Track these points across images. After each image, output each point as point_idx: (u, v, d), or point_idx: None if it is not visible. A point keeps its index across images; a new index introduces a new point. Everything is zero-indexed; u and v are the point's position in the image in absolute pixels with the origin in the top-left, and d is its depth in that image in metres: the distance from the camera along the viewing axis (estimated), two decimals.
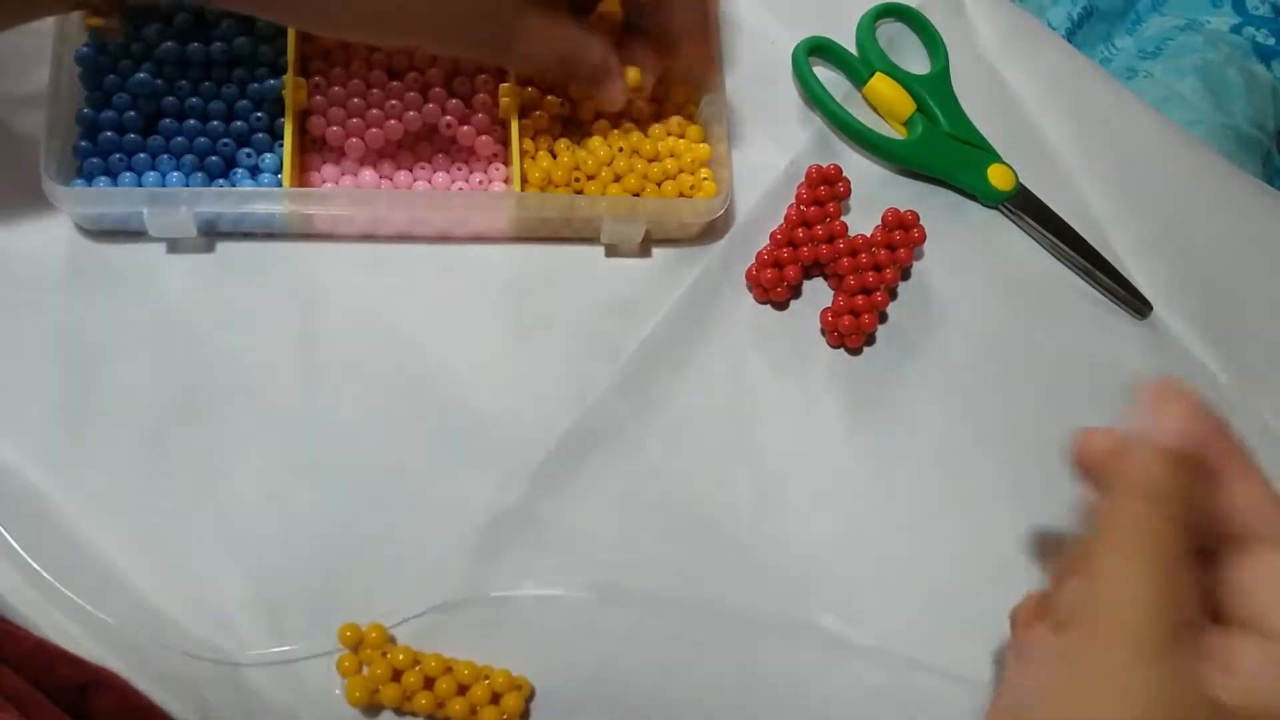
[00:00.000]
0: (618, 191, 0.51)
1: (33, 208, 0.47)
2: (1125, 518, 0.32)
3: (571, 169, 0.51)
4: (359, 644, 0.43)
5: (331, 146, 0.50)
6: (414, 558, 0.46)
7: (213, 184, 0.48)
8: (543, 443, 0.48)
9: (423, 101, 0.51)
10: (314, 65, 0.51)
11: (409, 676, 0.43)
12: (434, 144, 0.52)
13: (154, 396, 0.47)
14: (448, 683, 0.43)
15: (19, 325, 0.47)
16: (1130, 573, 0.31)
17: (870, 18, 0.58)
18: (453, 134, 0.51)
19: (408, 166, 0.51)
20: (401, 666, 0.43)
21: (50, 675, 0.40)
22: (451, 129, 0.51)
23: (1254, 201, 0.61)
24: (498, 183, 0.51)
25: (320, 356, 0.48)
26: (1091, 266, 0.56)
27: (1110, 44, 0.86)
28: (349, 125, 0.50)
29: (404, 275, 0.50)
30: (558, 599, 0.46)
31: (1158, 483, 0.33)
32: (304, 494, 0.46)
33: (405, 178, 0.51)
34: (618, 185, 0.52)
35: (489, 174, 0.51)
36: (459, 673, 0.43)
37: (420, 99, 0.51)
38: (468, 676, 0.43)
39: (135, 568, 0.44)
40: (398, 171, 0.51)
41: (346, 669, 0.43)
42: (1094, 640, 0.31)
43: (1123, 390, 0.54)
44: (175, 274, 0.49)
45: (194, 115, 0.49)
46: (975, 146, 0.57)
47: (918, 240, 0.53)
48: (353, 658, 0.43)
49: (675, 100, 0.54)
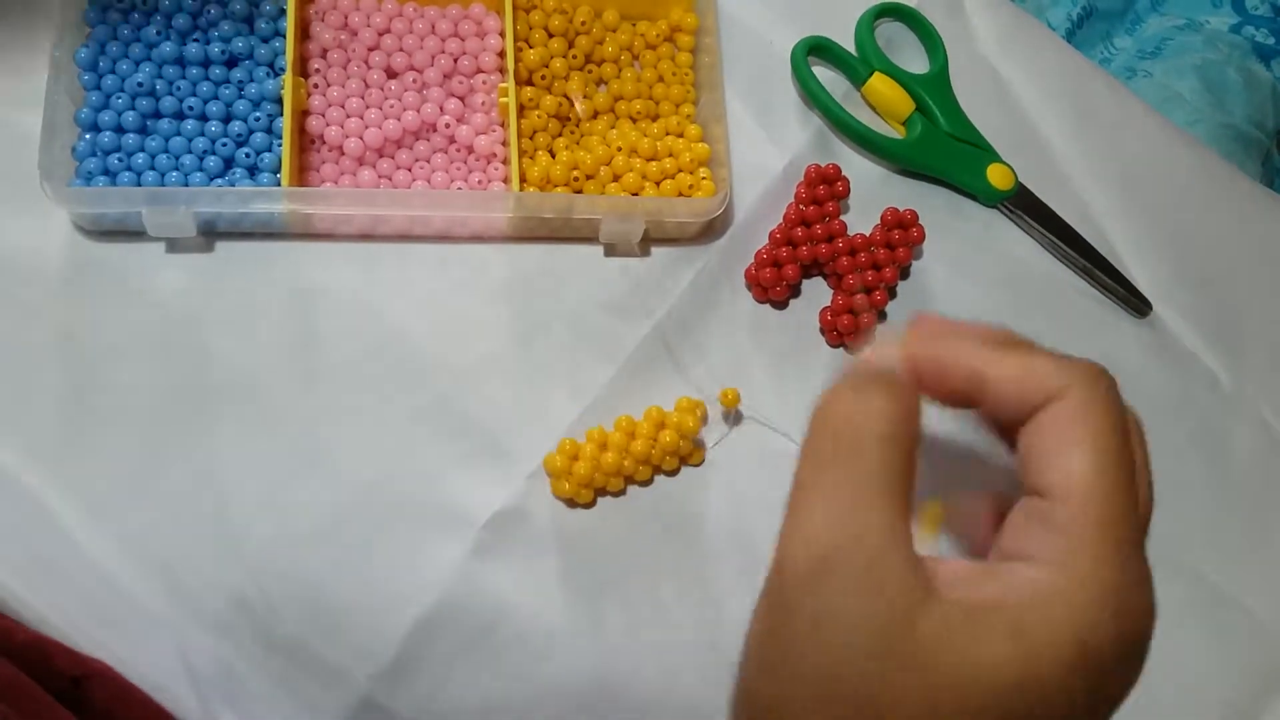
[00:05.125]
0: (617, 191, 0.51)
1: (32, 208, 0.47)
2: (827, 411, 0.28)
3: (570, 168, 0.51)
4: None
5: (331, 146, 0.50)
6: (413, 557, 0.46)
7: (212, 183, 0.48)
8: (542, 441, 0.48)
9: (422, 101, 0.51)
10: (313, 65, 0.51)
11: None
12: (433, 144, 0.52)
13: (153, 396, 0.47)
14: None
15: (18, 325, 0.47)
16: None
17: (869, 17, 0.58)
18: (452, 133, 0.51)
19: (407, 166, 0.51)
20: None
21: (46, 667, 0.40)
22: (450, 128, 0.51)
23: (1253, 201, 0.61)
24: (497, 182, 0.51)
25: (319, 356, 0.48)
26: (1091, 266, 0.56)
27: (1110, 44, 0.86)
28: (348, 125, 0.50)
29: (403, 275, 0.50)
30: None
31: (863, 373, 0.29)
32: (302, 493, 0.46)
33: (404, 177, 0.51)
34: (616, 185, 0.52)
35: (488, 173, 0.51)
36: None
37: (419, 98, 0.51)
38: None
39: (134, 568, 0.44)
40: (397, 171, 0.51)
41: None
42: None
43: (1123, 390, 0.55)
44: (174, 274, 0.49)
45: (193, 115, 0.49)
46: (974, 146, 0.57)
47: (917, 240, 0.53)
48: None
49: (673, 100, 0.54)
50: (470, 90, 0.52)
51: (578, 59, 0.54)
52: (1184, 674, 0.50)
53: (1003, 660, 0.25)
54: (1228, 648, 0.51)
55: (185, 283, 0.49)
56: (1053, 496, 0.26)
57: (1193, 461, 0.54)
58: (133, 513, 0.45)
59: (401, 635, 0.45)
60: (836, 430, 0.28)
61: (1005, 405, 0.28)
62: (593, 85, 0.54)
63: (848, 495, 0.27)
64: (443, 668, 0.45)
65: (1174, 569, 0.52)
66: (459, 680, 0.45)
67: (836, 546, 0.26)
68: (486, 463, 0.48)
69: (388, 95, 0.51)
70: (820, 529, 0.27)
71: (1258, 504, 0.54)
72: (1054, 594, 0.25)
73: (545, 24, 0.54)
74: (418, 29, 0.52)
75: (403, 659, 0.44)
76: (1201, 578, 0.52)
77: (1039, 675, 0.25)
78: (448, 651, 0.45)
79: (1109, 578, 0.26)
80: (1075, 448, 0.27)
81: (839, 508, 0.27)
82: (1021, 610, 0.25)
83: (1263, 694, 0.51)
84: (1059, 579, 0.26)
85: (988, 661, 0.25)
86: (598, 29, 0.55)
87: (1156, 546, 0.53)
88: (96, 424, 0.46)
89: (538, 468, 0.48)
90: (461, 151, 0.51)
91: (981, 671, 0.25)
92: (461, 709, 0.44)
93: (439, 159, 0.51)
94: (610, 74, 0.55)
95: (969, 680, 0.25)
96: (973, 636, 0.25)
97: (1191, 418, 0.55)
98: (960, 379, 0.29)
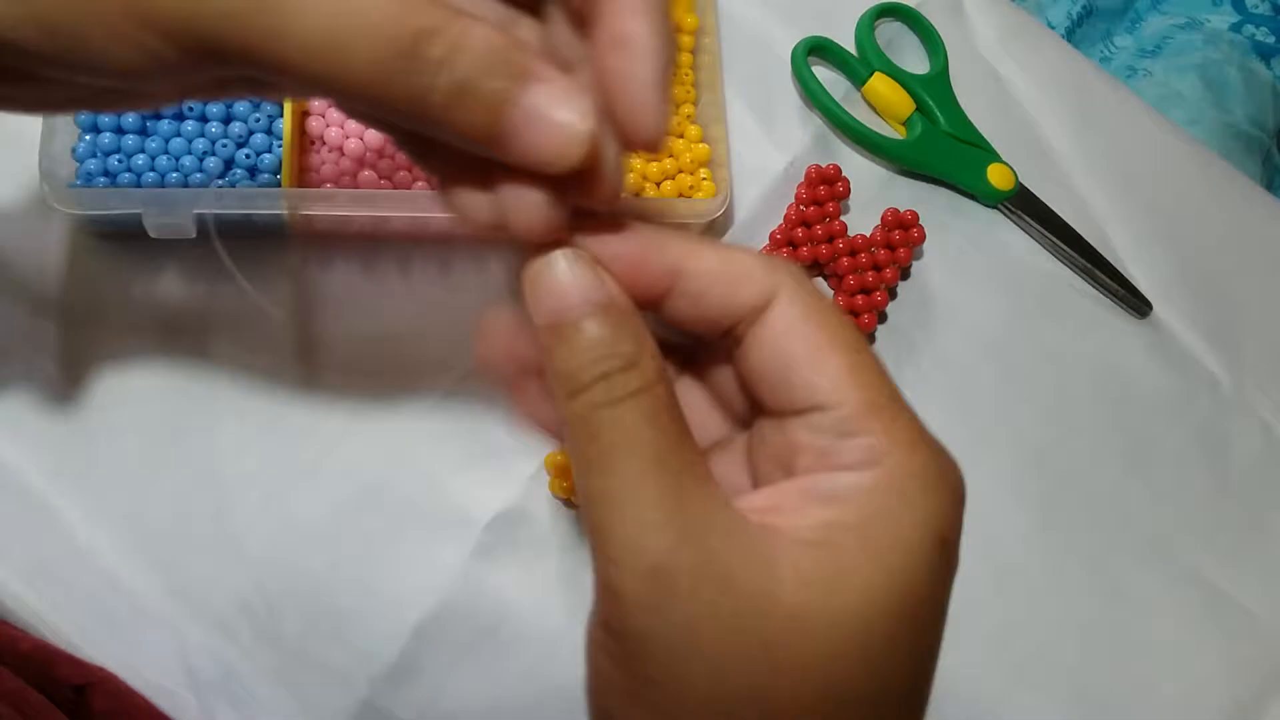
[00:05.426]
0: None
1: (32, 208, 0.47)
2: (586, 426, 0.24)
3: None
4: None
5: (331, 146, 0.50)
6: (414, 558, 0.46)
7: (212, 184, 0.48)
8: (543, 442, 0.48)
9: None
10: None
11: None
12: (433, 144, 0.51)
13: (154, 397, 0.47)
14: None
15: (18, 325, 0.47)
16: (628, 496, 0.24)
17: (869, 17, 0.58)
18: None
19: (407, 166, 0.51)
20: None
21: (49, 676, 0.40)
22: None
23: (1253, 201, 0.61)
24: None
25: (319, 356, 0.48)
26: (1091, 266, 0.56)
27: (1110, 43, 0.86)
28: (348, 125, 0.50)
29: (403, 275, 0.50)
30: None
31: (593, 363, 0.24)
32: (303, 494, 0.46)
33: (405, 177, 0.51)
34: None
35: None
36: None
37: None
38: None
39: (134, 568, 0.44)
40: (398, 172, 0.51)
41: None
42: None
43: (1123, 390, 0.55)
44: (174, 274, 0.49)
45: (193, 115, 0.49)
46: (974, 146, 0.57)
47: (917, 240, 0.53)
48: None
49: None
50: None
51: None
52: (1184, 674, 0.50)
53: (867, 588, 0.23)
54: (1228, 648, 0.51)
55: (185, 283, 0.49)
56: (824, 404, 0.25)
57: (1193, 461, 0.54)
58: (133, 514, 0.45)
59: (403, 637, 0.45)
60: (592, 428, 0.24)
61: (705, 302, 0.26)
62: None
63: (648, 493, 0.23)
64: (444, 669, 0.45)
65: (1174, 569, 0.52)
66: (461, 682, 0.45)
67: (664, 553, 0.23)
68: (488, 464, 0.48)
69: None
70: (639, 542, 0.23)
71: (1258, 504, 0.54)
72: (890, 497, 0.24)
73: None
74: None
75: (404, 660, 0.44)
76: (1201, 578, 0.52)
77: (903, 593, 0.24)
78: (449, 653, 0.45)
79: (926, 459, 0.25)
80: (828, 353, 0.25)
81: (645, 511, 0.23)
82: (871, 525, 0.24)
83: (1263, 694, 0.51)
84: (885, 479, 0.24)
85: (848, 598, 0.23)
86: None
87: (1157, 546, 0.53)
88: (97, 424, 0.46)
89: (539, 469, 0.48)
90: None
91: (842, 611, 0.23)
92: (463, 710, 0.44)
93: None
94: None
95: (834, 623, 0.23)
96: (835, 575, 0.23)
97: (1191, 418, 0.55)
98: (656, 274, 0.26)
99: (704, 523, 0.23)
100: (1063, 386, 0.54)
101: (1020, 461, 0.52)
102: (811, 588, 0.23)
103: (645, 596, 0.23)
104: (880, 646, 0.24)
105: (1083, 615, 0.50)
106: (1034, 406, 0.53)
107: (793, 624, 0.23)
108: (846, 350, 0.25)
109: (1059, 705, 0.49)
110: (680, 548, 0.23)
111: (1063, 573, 0.50)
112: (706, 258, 0.26)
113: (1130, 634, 0.51)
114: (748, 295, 0.25)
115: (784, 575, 0.23)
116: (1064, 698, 0.49)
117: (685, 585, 0.23)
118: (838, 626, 0.23)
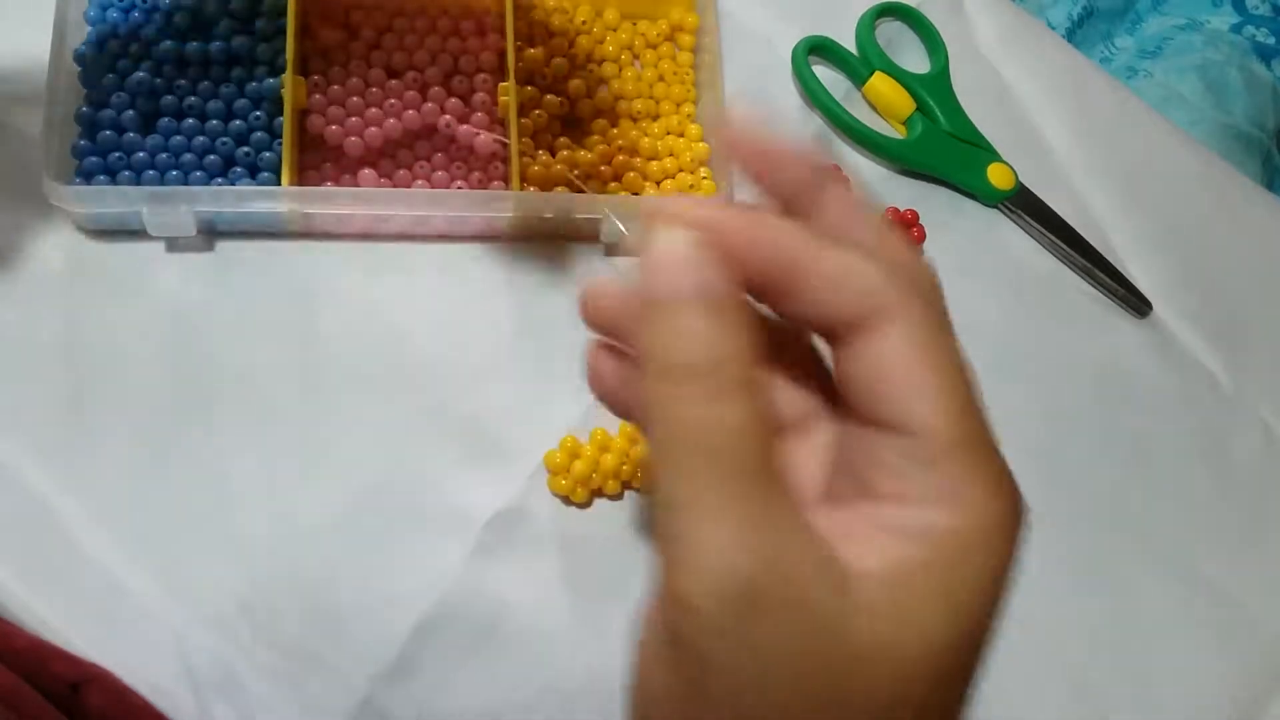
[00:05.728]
0: (617, 191, 0.51)
1: (32, 207, 0.47)
2: (672, 423, 0.23)
3: (571, 168, 0.51)
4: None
5: (331, 145, 0.50)
6: (414, 557, 0.46)
7: (212, 183, 0.48)
8: (543, 442, 0.48)
9: (422, 100, 0.51)
10: (313, 64, 0.51)
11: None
12: (433, 143, 0.52)
13: (154, 396, 0.46)
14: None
15: (18, 324, 0.47)
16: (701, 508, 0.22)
17: (870, 17, 0.58)
18: (452, 133, 0.51)
19: (407, 166, 0.51)
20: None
21: (44, 673, 0.40)
22: (451, 128, 0.51)
23: (1253, 201, 0.61)
24: (497, 182, 0.51)
25: (319, 355, 0.48)
26: (1091, 266, 0.56)
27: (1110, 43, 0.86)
28: (348, 124, 0.50)
29: (403, 274, 0.50)
30: None
31: (692, 357, 0.23)
32: (303, 493, 0.46)
33: (405, 177, 0.51)
34: (617, 184, 0.51)
35: (488, 173, 0.51)
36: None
37: (419, 98, 0.51)
38: None
39: (134, 568, 0.44)
40: (397, 171, 0.51)
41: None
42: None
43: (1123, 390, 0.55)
44: (174, 273, 0.49)
45: (193, 114, 0.49)
46: (975, 145, 0.57)
47: (917, 239, 0.53)
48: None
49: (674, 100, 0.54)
50: (470, 90, 0.51)
51: (578, 58, 0.54)
52: (1184, 674, 0.50)
53: (937, 626, 0.23)
54: (1228, 648, 0.51)
55: (185, 282, 0.48)
56: (915, 430, 0.24)
57: (1193, 461, 0.54)
58: (133, 513, 0.45)
59: (402, 636, 0.45)
60: (680, 424, 0.23)
61: (818, 307, 0.25)
62: (594, 84, 0.54)
63: (736, 508, 0.22)
64: (444, 668, 0.45)
65: (1174, 569, 0.52)
66: (460, 681, 0.45)
67: (752, 578, 0.22)
68: (487, 463, 0.48)
69: (388, 95, 0.50)
70: (726, 561, 0.22)
71: (1257, 504, 0.54)
72: (972, 540, 0.23)
73: (546, 23, 0.54)
74: (418, 28, 0.52)
75: (404, 659, 0.44)
76: (1201, 578, 0.52)
77: (970, 630, 0.23)
78: (449, 652, 0.45)
79: (1005, 505, 0.24)
80: (931, 380, 0.24)
81: (733, 529, 0.22)
82: (949, 568, 0.23)
83: (1263, 694, 0.51)
84: (967, 521, 0.23)
85: (919, 634, 0.23)
86: (598, 28, 0.55)
87: (1157, 546, 0.53)
88: (97, 424, 0.46)
89: (539, 468, 0.48)
90: (461, 151, 0.51)
91: (912, 646, 0.23)
92: (462, 710, 0.44)
93: (439, 159, 0.51)
94: (611, 73, 0.55)
95: (902, 658, 0.23)
96: (906, 612, 0.23)
97: (1191, 418, 0.55)
98: (775, 270, 0.25)
99: (788, 547, 0.23)
100: (1063, 386, 0.54)
101: (1020, 461, 0.52)
102: (883, 622, 0.23)
103: (724, 619, 0.22)
104: (943, 681, 0.24)
105: (1082, 615, 0.50)
106: (1034, 406, 0.53)
107: (861, 659, 0.23)
108: (949, 380, 0.25)
109: (1059, 705, 0.49)
110: (768, 573, 0.22)
111: (1062, 572, 0.50)
112: (827, 262, 0.24)
113: (1130, 634, 0.50)
114: (862, 308, 0.24)
115: (857, 609, 0.23)
116: (1064, 697, 0.49)
117: (767, 611, 0.22)
118: (906, 663, 0.23)
